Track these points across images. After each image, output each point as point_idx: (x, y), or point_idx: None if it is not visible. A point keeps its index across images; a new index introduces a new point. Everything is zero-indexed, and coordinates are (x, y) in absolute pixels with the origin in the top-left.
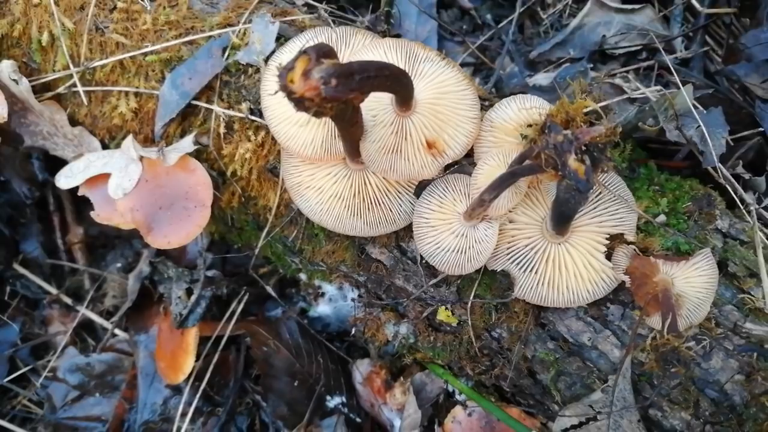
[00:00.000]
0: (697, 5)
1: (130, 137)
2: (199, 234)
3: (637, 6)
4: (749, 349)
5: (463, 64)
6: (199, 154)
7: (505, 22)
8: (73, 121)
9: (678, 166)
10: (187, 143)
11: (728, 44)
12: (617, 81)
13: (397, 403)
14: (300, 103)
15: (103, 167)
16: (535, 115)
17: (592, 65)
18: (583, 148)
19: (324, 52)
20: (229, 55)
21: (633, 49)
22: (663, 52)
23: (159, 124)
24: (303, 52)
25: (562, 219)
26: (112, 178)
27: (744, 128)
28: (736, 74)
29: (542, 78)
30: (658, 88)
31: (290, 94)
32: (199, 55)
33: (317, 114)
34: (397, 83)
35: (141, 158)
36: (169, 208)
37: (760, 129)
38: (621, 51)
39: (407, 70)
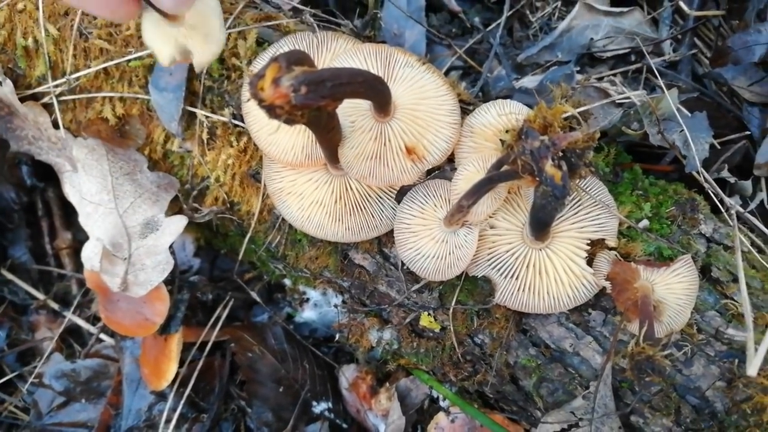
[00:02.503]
0: (685, 8)
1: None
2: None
3: (625, 9)
4: (731, 356)
5: (451, 68)
6: (183, 160)
7: (493, 25)
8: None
9: (665, 169)
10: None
11: (715, 47)
12: (604, 84)
13: (383, 408)
14: (270, 110)
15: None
16: (514, 120)
17: (579, 68)
18: (561, 153)
19: (296, 59)
20: None
21: (621, 52)
22: (648, 55)
23: (172, 125)
24: (273, 60)
25: (539, 225)
26: (92, 245)
27: (731, 131)
28: (724, 77)
29: (529, 81)
30: (644, 92)
31: (260, 102)
32: None
33: (288, 121)
34: (371, 90)
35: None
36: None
37: (747, 132)
38: (609, 54)
39: (386, 75)
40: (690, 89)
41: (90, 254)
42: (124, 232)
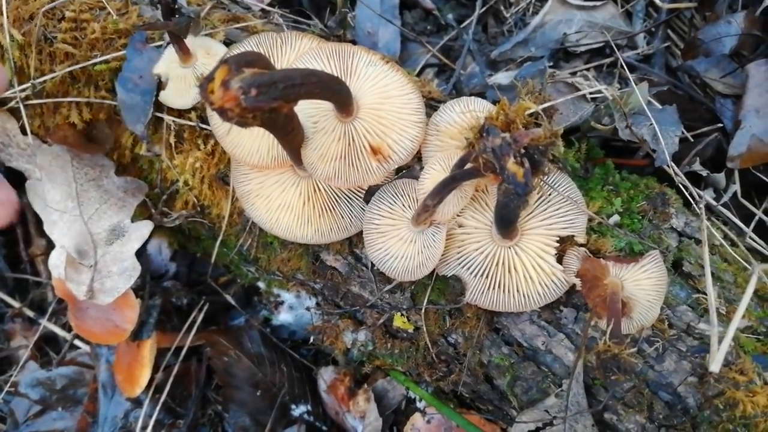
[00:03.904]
0: (657, 0)
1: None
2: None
3: (598, 2)
4: (702, 351)
5: (426, 66)
6: (152, 164)
7: (467, 22)
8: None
9: (639, 164)
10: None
11: (687, 39)
12: (576, 79)
13: (361, 410)
14: (222, 113)
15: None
16: (477, 117)
17: (551, 64)
18: (523, 150)
19: (246, 61)
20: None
21: (595, 46)
22: (616, 49)
23: (138, 127)
24: (223, 62)
25: (504, 223)
26: (58, 253)
27: (704, 124)
28: (696, 70)
29: (502, 77)
30: (616, 86)
31: (211, 105)
32: (130, 56)
33: (240, 124)
34: (327, 90)
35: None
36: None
37: (720, 125)
38: (583, 48)
39: (349, 74)
40: (663, 82)
41: (56, 262)
42: (90, 239)
